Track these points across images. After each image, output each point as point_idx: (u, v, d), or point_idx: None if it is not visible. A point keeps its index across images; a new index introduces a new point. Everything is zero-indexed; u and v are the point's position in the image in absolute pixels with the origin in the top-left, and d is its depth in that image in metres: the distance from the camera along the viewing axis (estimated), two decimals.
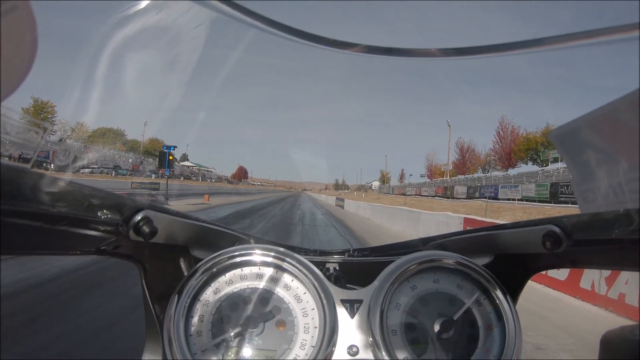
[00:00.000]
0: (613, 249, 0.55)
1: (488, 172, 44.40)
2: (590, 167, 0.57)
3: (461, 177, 46.91)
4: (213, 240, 0.80)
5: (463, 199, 36.46)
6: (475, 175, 45.48)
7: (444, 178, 51.07)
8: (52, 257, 5.41)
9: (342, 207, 30.41)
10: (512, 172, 40.37)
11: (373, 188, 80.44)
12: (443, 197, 40.83)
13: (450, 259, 0.71)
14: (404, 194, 52.67)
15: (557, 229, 0.57)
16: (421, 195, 47.81)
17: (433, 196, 43.93)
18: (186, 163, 77.98)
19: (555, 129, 0.62)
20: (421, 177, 61.24)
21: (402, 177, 70.17)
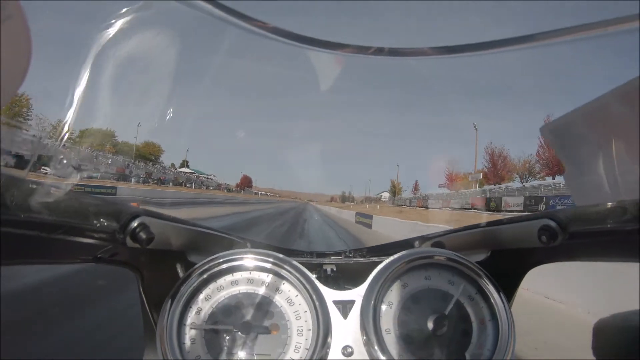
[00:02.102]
0: (608, 241, 0.56)
1: (527, 182, 37.13)
2: (584, 160, 0.59)
3: (489, 187, 39.53)
4: (209, 245, 0.81)
5: (519, 211, 25.09)
6: (515, 184, 37.38)
7: (473, 189, 41.41)
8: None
9: (370, 226, 19.66)
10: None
11: (383, 199, 74.25)
12: (495, 211, 29.25)
13: (440, 255, 0.72)
14: (426, 207, 42.58)
15: (552, 223, 0.58)
16: (453, 208, 36.59)
17: (468, 209, 33.47)
18: (184, 169, 76.12)
19: (548, 123, 0.64)
20: (439, 187, 51.82)
21: (416, 188, 62.13)
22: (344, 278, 0.80)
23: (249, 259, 0.71)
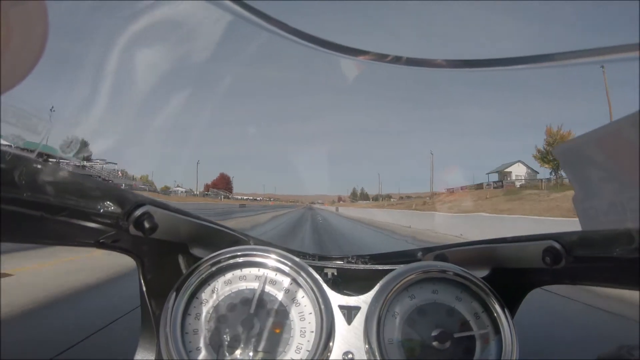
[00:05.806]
0: (613, 267, 0.56)
1: None
2: (593, 184, 0.59)
3: None
4: (213, 239, 0.82)
5: None
6: None
7: None
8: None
9: None
10: None
11: (515, 177, 40.80)
12: None
13: (450, 270, 0.72)
14: None
15: (557, 245, 0.59)
16: None
17: None
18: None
19: (561, 145, 0.64)
20: None
21: None
22: (343, 283, 0.80)
23: (257, 257, 0.72)
